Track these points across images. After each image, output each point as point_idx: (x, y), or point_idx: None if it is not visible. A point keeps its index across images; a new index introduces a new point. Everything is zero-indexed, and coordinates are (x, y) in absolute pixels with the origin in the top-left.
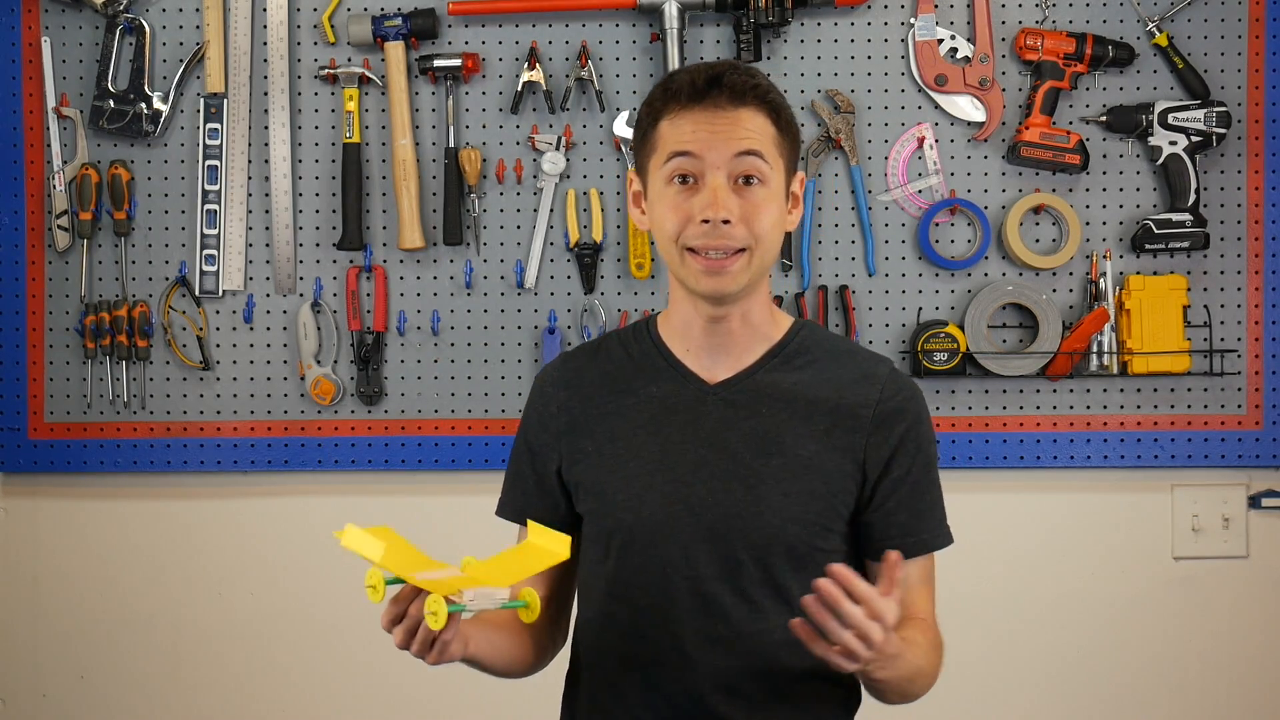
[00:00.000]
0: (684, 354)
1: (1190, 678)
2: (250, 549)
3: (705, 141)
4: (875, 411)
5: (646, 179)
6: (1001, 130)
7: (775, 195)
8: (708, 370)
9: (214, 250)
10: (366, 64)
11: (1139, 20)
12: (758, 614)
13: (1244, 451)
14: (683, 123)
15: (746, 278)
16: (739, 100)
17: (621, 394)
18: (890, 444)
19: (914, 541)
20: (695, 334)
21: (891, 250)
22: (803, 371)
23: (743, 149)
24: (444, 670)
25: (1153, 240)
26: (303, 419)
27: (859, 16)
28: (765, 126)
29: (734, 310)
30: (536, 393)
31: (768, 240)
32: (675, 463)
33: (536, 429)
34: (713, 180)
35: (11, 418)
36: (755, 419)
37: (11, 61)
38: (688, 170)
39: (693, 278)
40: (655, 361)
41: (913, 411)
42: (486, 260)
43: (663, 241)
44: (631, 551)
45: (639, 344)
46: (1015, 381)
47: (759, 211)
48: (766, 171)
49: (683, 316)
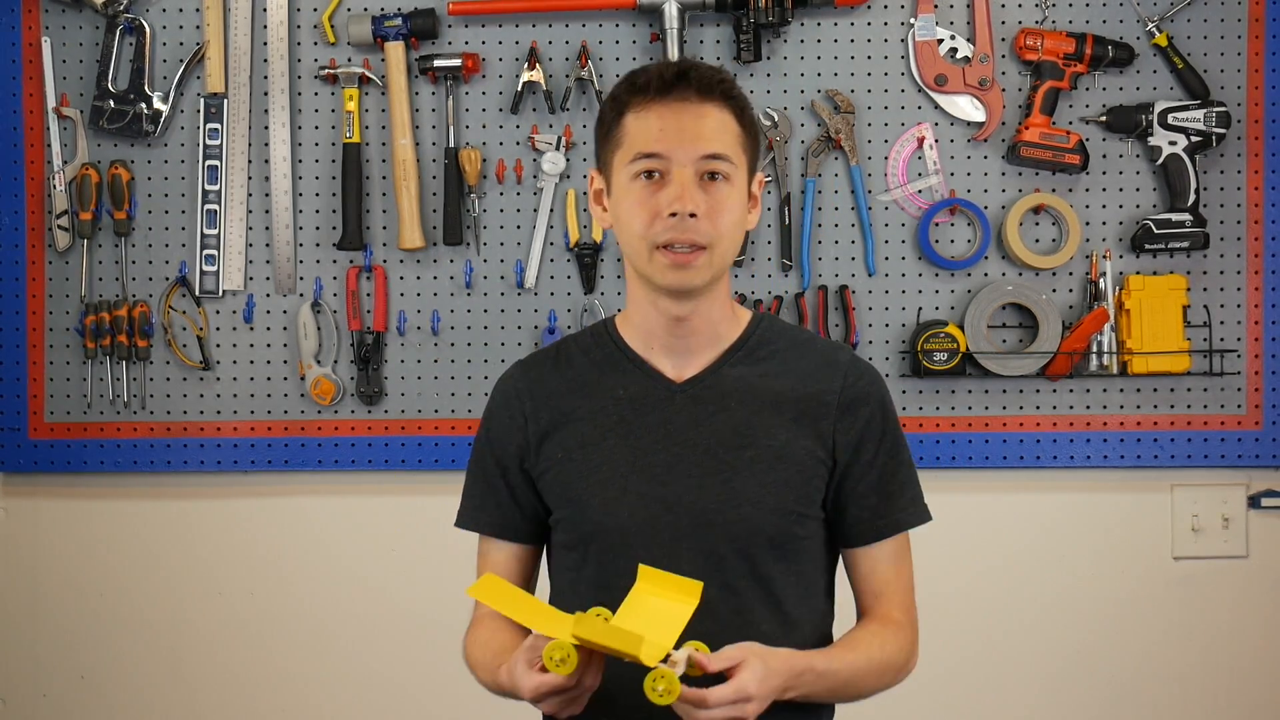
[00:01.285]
0: (648, 353)
1: (1190, 678)
2: (250, 549)
3: (673, 140)
4: (840, 398)
5: (610, 174)
6: (1001, 130)
7: (738, 193)
8: (673, 368)
9: (214, 250)
10: (366, 64)
11: (1139, 20)
12: (743, 606)
13: (1244, 451)
14: (649, 117)
15: (709, 273)
16: (706, 94)
17: (587, 398)
18: (857, 428)
19: (885, 523)
20: (658, 333)
21: (891, 250)
22: (766, 363)
23: (710, 151)
24: (442, 671)
25: (1152, 240)
26: (303, 419)
27: (859, 16)
28: (730, 123)
29: (696, 308)
30: (499, 403)
31: (728, 238)
32: (649, 463)
33: (503, 439)
34: (679, 175)
35: (11, 418)
36: (724, 414)
37: (12, 61)
38: (654, 167)
39: (659, 273)
40: (620, 363)
41: (876, 395)
42: (486, 260)
43: (628, 238)
44: (611, 555)
45: (600, 347)
46: (1015, 381)
47: (722, 209)
48: (730, 170)
49: (643, 316)
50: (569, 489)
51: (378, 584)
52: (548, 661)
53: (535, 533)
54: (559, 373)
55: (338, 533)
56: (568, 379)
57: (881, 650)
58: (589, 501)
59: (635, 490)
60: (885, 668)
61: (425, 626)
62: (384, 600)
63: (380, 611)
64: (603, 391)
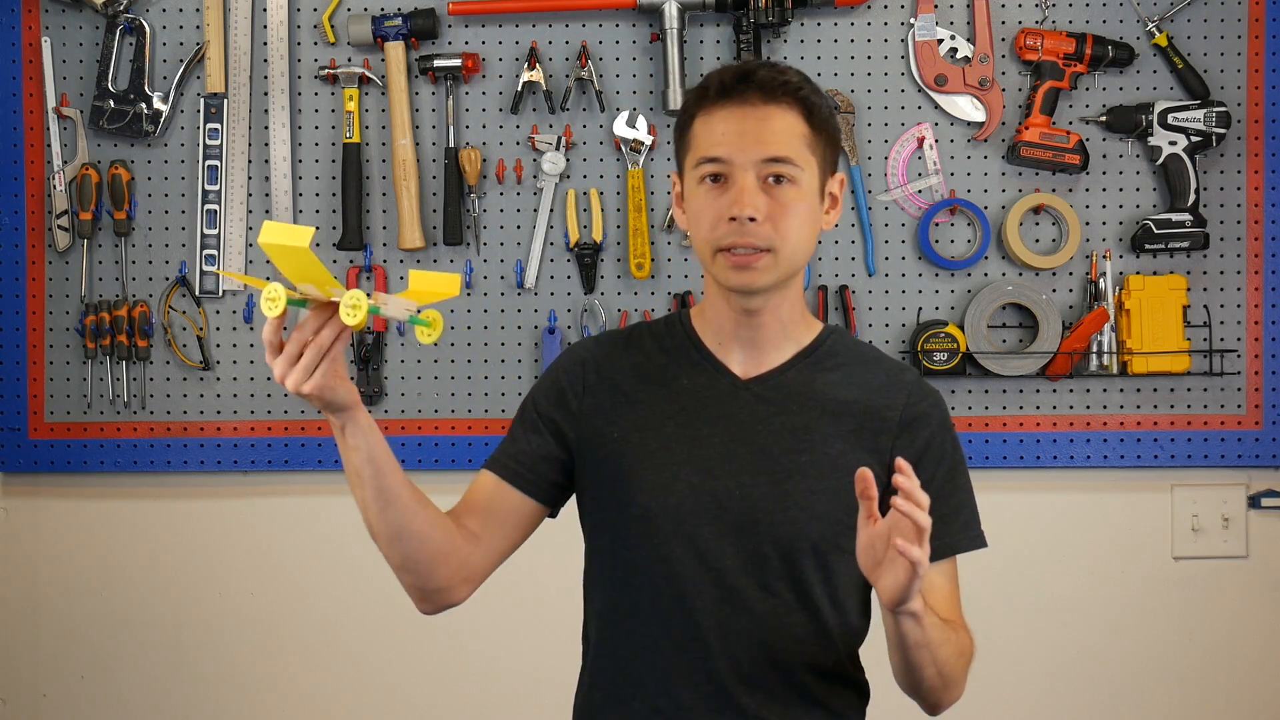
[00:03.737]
0: (716, 348)
1: (1190, 678)
2: (250, 549)
3: (734, 144)
4: (901, 415)
5: (684, 179)
6: (1001, 130)
7: (806, 195)
8: (740, 365)
9: (214, 250)
10: (366, 64)
11: (1139, 20)
12: (780, 608)
13: (1244, 451)
14: (714, 121)
15: (773, 276)
16: (770, 97)
17: (652, 384)
18: (916, 448)
19: (938, 545)
20: (728, 328)
21: (891, 250)
22: (832, 374)
23: (770, 155)
24: (443, 670)
25: (1152, 240)
26: (303, 419)
27: (859, 16)
28: (796, 124)
29: (765, 306)
30: (564, 365)
31: (794, 240)
32: (704, 454)
33: (554, 396)
34: (741, 179)
35: (11, 418)
36: (786, 415)
37: (12, 61)
38: (718, 170)
39: (723, 273)
40: (689, 354)
41: (937, 418)
42: (486, 260)
43: (697, 240)
44: (655, 540)
45: (671, 336)
46: (1015, 381)
47: (786, 212)
48: (796, 173)
49: (716, 310)
50: (620, 469)
51: (378, 584)
52: (263, 306)
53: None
54: (628, 356)
55: (338, 533)
56: (635, 364)
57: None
58: (638, 484)
59: (687, 480)
60: (960, 647)
61: (425, 626)
62: (384, 600)
63: (380, 611)
64: (668, 380)
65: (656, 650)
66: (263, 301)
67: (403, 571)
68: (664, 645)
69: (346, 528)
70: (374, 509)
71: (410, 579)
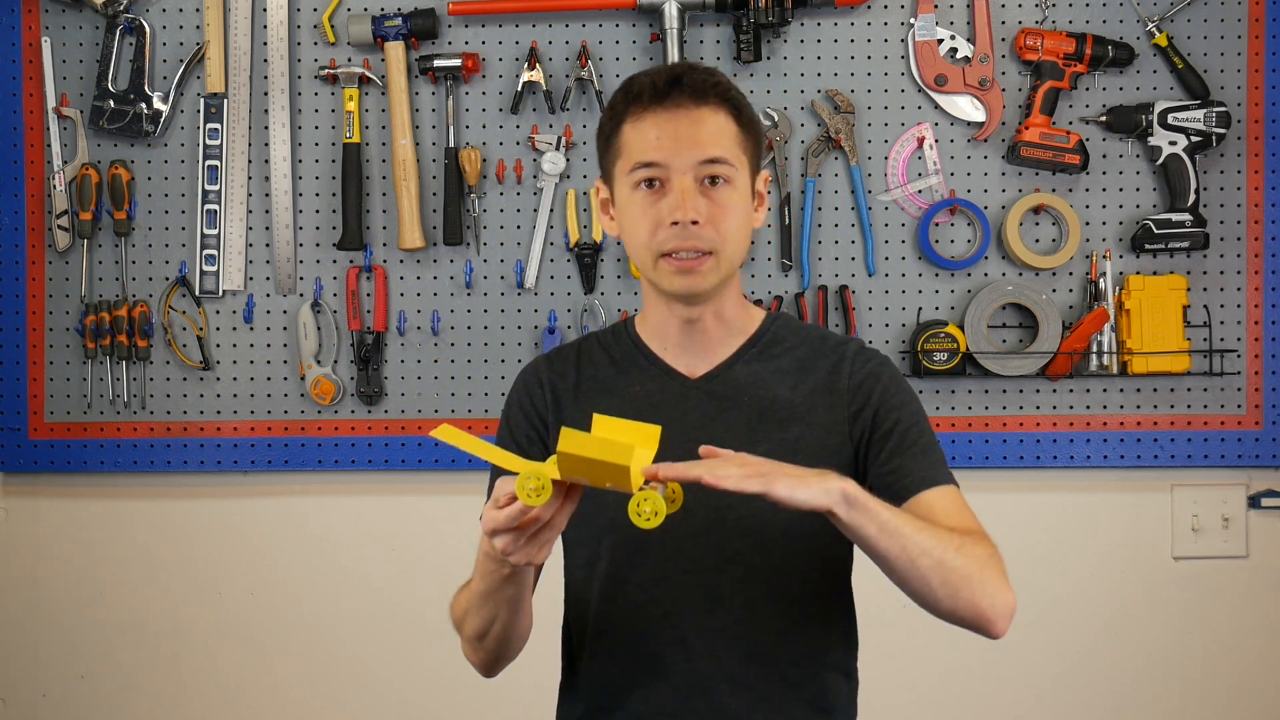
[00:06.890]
0: (663, 351)
1: (1190, 678)
2: (250, 549)
3: (669, 148)
4: (849, 383)
5: (613, 185)
6: (1001, 130)
7: (741, 195)
8: (688, 366)
9: (214, 250)
10: (366, 64)
11: (1139, 20)
12: (759, 601)
13: (1244, 451)
14: (645, 126)
15: (716, 278)
16: (700, 99)
17: (606, 394)
18: (871, 407)
19: (919, 478)
20: (672, 333)
21: (891, 250)
22: (779, 360)
23: (706, 156)
24: (442, 670)
25: (1152, 240)
26: (303, 419)
27: (859, 16)
28: (727, 125)
29: (707, 309)
30: (521, 390)
31: (733, 241)
32: (663, 457)
33: (524, 425)
34: (679, 183)
35: (11, 418)
36: (738, 409)
37: (12, 61)
38: (654, 175)
39: (665, 279)
40: (637, 361)
41: (885, 375)
42: (486, 260)
43: (635, 247)
44: (627, 550)
45: (620, 345)
46: (1015, 381)
47: (725, 213)
48: (731, 173)
49: (659, 317)
50: None
51: (377, 584)
52: (520, 492)
53: None
54: (579, 370)
55: (338, 533)
56: (589, 376)
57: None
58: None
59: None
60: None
61: (425, 626)
62: (384, 600)
63: (380, 611)
64: (620, 389)
65: (637, 656)
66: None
67: (495, 662)
68: (644, 650)
69: (346, 528)
70: (504, 618)
71: (497, 664)
